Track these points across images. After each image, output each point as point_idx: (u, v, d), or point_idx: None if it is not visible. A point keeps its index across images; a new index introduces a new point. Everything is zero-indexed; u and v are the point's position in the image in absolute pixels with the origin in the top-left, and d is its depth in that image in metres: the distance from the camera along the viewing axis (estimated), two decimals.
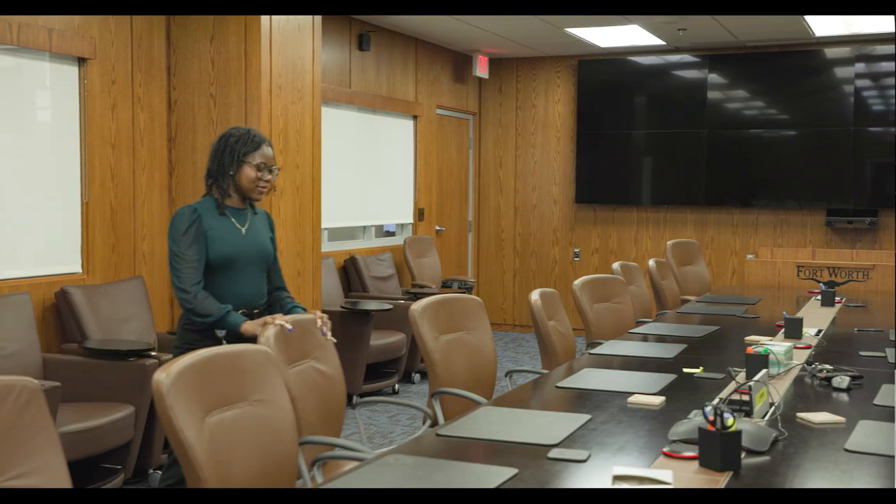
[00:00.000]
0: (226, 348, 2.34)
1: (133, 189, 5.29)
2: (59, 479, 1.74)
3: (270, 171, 3.28)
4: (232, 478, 2.15)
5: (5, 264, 4.59)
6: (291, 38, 5.53)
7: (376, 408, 6.00)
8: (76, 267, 4.98)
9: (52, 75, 4.87)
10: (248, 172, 3.22)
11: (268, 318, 3.00)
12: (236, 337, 3.11)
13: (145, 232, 5.37)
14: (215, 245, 3.17)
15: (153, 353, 4.34)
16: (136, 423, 4.22)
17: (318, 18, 5.74)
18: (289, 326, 2.91)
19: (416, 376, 6.95)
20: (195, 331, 3.18)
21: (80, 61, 4.95)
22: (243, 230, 3.27)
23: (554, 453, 2.36)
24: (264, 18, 5.29)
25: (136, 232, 5.31)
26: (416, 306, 3.42)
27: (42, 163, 4.81)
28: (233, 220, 3.26)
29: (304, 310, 3.29)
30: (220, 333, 3.15)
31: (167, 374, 2.07)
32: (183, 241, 3.13)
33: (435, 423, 3.35)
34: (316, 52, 5.73)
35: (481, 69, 8.92)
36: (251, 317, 3.26)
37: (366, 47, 7.40)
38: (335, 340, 3.13)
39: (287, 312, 3.28)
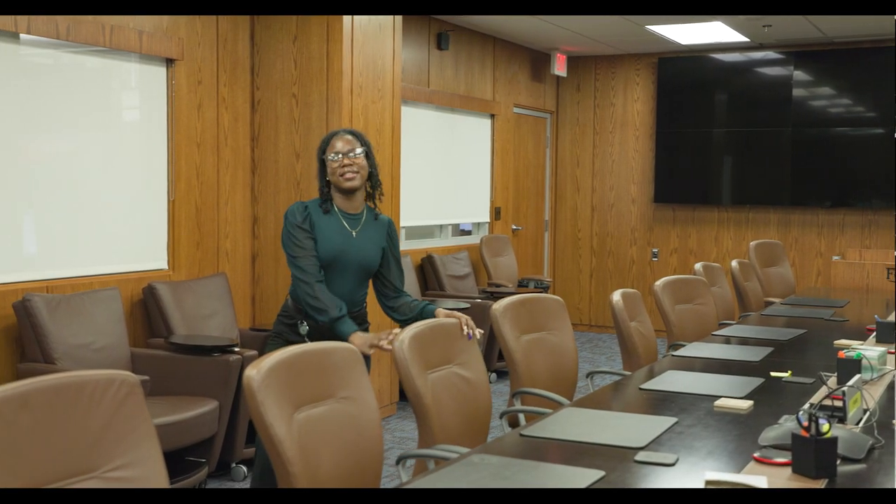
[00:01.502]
0: (314, 346, 2.36)
1: (217, 187, 5.39)
2: (157, 471, 1.78)
3: (347, 155, 3.18)
4: (320, 474, 2.18)
5: (96, 260, 4.72)
6: (372, 38, 5.57)
7: None
8: (162, 263, 5.10)
9: (141, 76, 4.99)
10: (331, 165, 3.20)
11: (374, 341, 2.96)
12: (319, 335, 3.12)
13: (228, 230, 5.47)
14: (318, 243, 3.17)
15: (236, 349, 4.42)
16: (219, 417, 4.30)
17: (399, 18, 5.77)
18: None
19: (493, 375, 6.93)
20: (287, 324, 3.22)
21: (168, 62, 5.07)
22: (354, 233, 3.21)
23: (641, 456, 2.33)
24: (346, 18, 5.34)
25: (219, 230, 5.41)
26: (498, 306, 3.41)
27: (131, 162, 4.94)
28: (343, 222, 3.21)
29: (433, 306, 3.25)
30: (303, 330, 3.17)
31: (258, 371, 2.10)
32: (300, 232, 3.15)
33: (516, 424, 3.34)
34: (396, 51, 5.76)
35: (559, 67, 8.86)
36: None
37: (444, 46, 7.41)
38: (479, 335, 3.08)
39: (422, 313, 3.21)
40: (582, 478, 2.14)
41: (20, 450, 1.58)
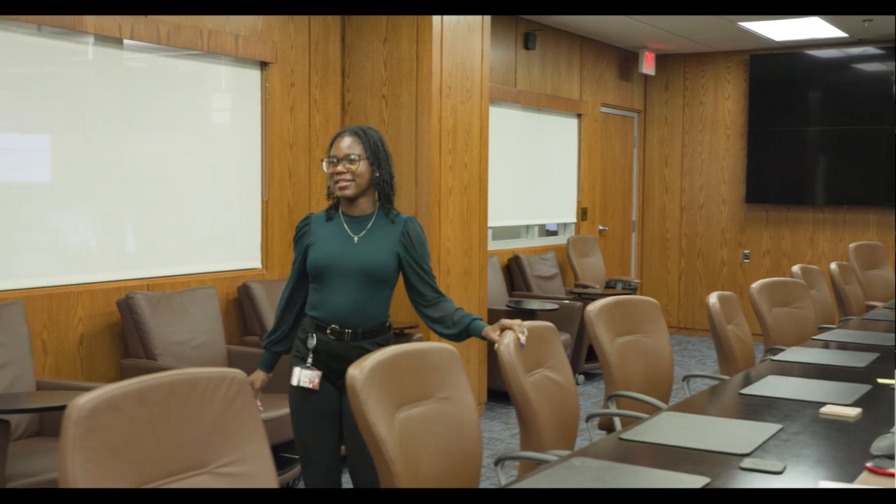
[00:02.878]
0: (413, 346, 2.37)
1: (308, 188, 5.47)
2: (265, 467, 1.81)
3: (342, 162, 2.86)
4: (421, 474, 2.18)
5: (193, 259, 4.84)
6: (461, 39, 5.57)
7: None
8: (256, 262, 5.20)
9: (236, 79, 5.10)
10: (327, 170, 2.92)
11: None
12: (326, 352, 2.91)
13: None
14: (312, 253, 2.92)
15: None
16: None
17: (487, 18, 5.76)
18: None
19: (580, 377, 6.87)
20: (300, 338, 3.00)
21: (262, 65, 5.17)
22: (355, 239, 2.91)
23: (747, 463, 2.27)
24: (435, 19, 5.36)
25: None
26: (592, 307, 3.37)
27: (226, 163, 5.05)
28: (345, 227, 2.93)
29: (481, 321, 2.92)
30: (311, 344, 2.92)
31: (360, 370, 2.11)
32: (294, 249, 3.02)
33: (611, 428, 3.30)
34: (485, 51, 5.76)
35: (648, 66, 8.73)
36: (340, 336, 2.90)
37: (531, 46, 7.38)
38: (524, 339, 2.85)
39: (468, 329, 2.90)
40: (686, 484, 2.10)
41: (139, 443, 1.62)
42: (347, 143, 2.88)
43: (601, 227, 8.67)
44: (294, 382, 2.94)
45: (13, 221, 4.05)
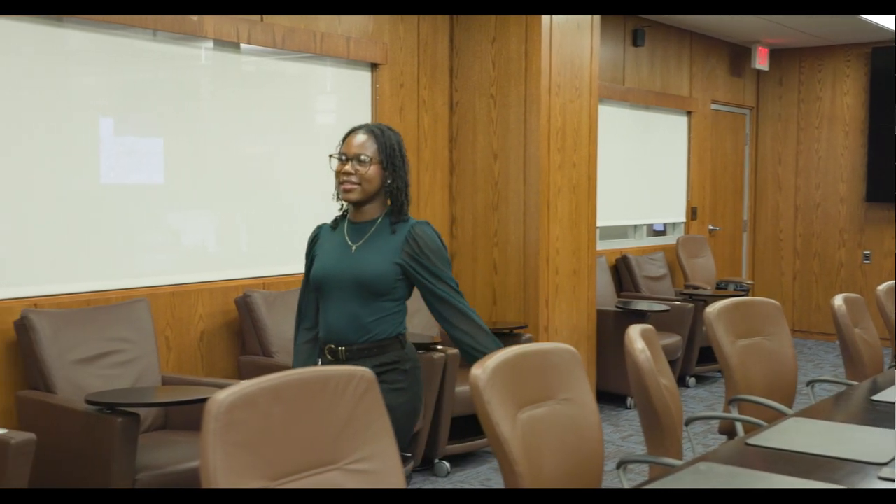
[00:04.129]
0: (534, 346, 2.35)
1: (417, 188, 5.50)
2: (394, 465, 1.82)
3: (351, 161, 2.60)
4: (543, 475, 2.16)
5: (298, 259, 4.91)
6: (570, 36, 5.52)
7: None
8: None
9: (347, 81, 5.17)
10: (335, 169, 2.66)
11: None
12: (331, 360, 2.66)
13: None
14: (314, 266, 2.72)
15: (439, 347, 4.48)
16: (423, 413, 4.38)
17: (597, 15, 5.69)
18: None
19: (692, 380, 6.72)
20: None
21: (373, 66, 5.22)
22: (353, 247, 2.64)
23: (885, 472, 2.17)
24: (545, 18, 5.32)
25: None
26: (712, 309, 3.28)
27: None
28: (346, 235, 2.67)
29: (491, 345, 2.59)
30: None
31: (483, 370, 2.11)
32: (306, 261, 2.81)
33: (732, 433, 3.21)
34: (594, 49, 5.69)
35: (761, 61, 8.48)
36: (335, 355, 2.63)
37: (640, 43, 7.26)
38: None
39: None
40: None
41: (273, 439, 1.65)
42: (360, 142, 2.60)
43: (711, 227, 8.46)
44: None
45: (133, 222, 4.19)
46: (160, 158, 4.36)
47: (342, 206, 2.72)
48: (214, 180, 4.51)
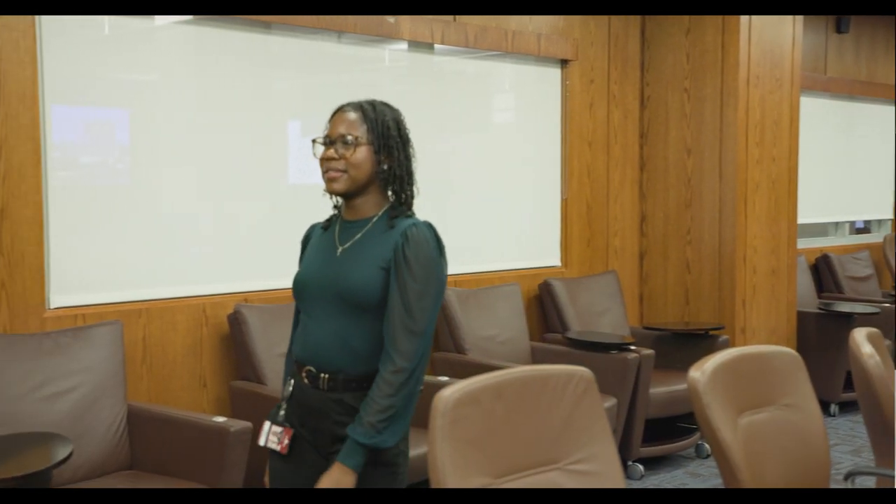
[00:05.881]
0: (753, 349, 2.25)
1: (606, 185, 5.41)
2: (614, 468, 1.78)
3: (335, 145, 2.10)
4: (766, 484, 2.06)
5: (497, 257, 4.94)
6: (770, 26, 5.27)
7: (857, 418, 5.53)
8: (555, 260, 5.22)
9: (537, 77, 5.14)
10: (319, 156, 2.13)
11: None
12: (299, 405, 2.14)
13: (617, 227, 5.47)
14: (295, 274, 2.23)
15: (633, 347, 4.39)
16: (617, 414, 4.30)
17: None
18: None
19: None
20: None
21: (563, 63, 5.17)
22: (339, 250, 2.14)
23: None
24: None
25: (608, 227, 5.43)
26: None
27: (527, 162, 5.11)
28: (335, 236, 2.17)
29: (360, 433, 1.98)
30: (286, 391, 2.17)
31: (702, 373, 2.03)
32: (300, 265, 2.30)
33: None
34: (797, 37, 5.41)
35: None
36: (315, 381, 2.09)
37: (844, 29, 6.84)
38: None
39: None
40: None
41: (496, 437, 1.65)
42: (345, 120, 2.11)
43: None
44: (261, 441, 2.16)
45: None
46: None
47: (336, 201, 2.21)
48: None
